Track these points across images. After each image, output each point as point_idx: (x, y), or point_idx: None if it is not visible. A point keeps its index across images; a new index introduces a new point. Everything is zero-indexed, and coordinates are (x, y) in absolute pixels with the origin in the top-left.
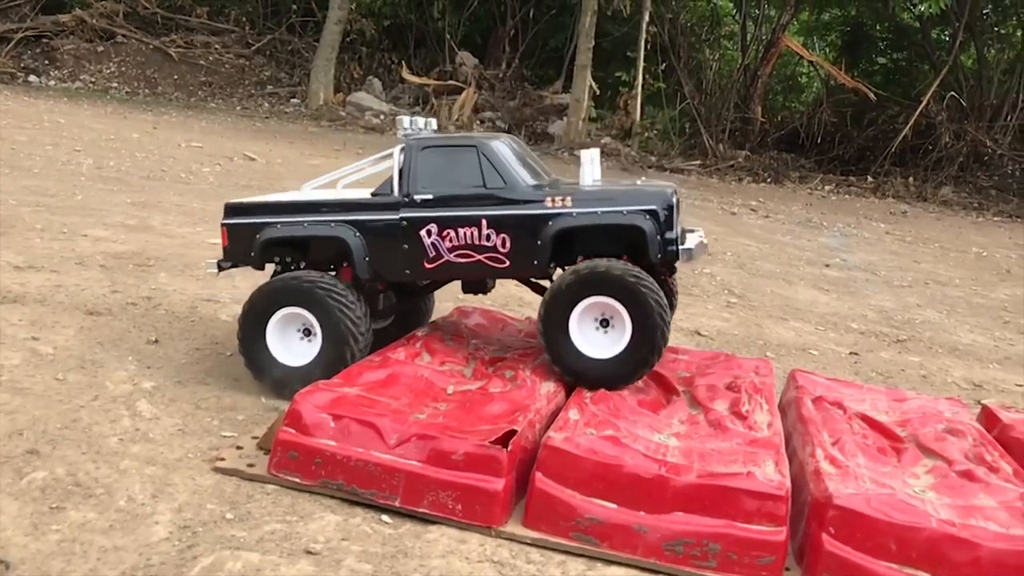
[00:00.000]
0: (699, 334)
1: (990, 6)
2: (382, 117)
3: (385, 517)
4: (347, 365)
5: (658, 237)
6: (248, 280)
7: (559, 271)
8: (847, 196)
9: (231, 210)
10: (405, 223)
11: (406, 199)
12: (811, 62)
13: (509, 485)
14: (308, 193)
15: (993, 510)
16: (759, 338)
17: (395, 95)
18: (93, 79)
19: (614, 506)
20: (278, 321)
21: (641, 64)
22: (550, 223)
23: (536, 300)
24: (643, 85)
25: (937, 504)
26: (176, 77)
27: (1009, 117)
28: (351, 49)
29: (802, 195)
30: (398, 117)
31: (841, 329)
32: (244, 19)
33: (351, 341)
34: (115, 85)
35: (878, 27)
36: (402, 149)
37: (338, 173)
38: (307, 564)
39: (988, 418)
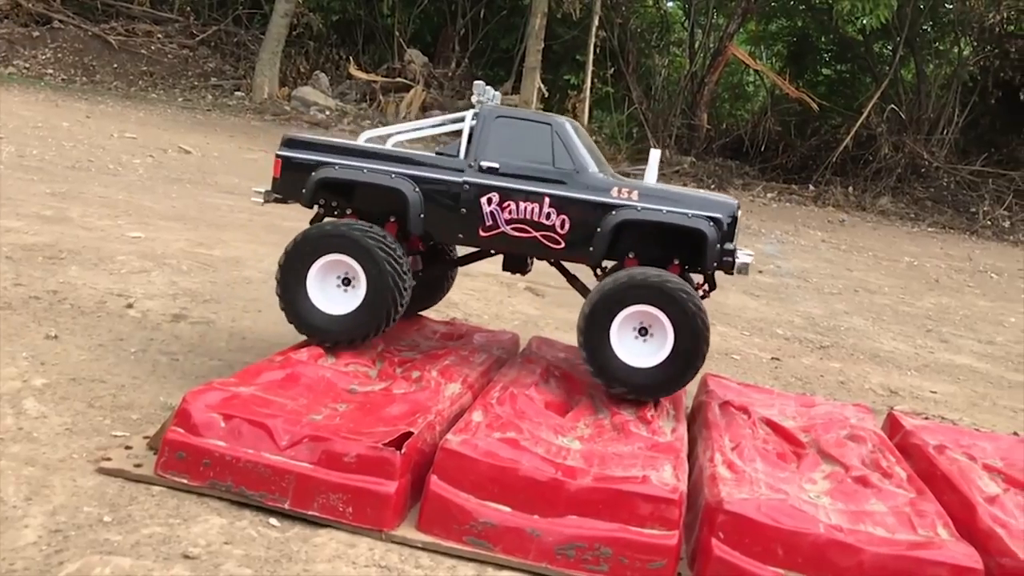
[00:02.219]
0: None
1: (930, 23)
2: (328, 112)
3: (273, 520)
4: (389, 320)
5: (718, 246)
6: (164, 277)
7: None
8: (788, 204)
9: (289, 142)
10: (467, 187)
11: (471, 164)
12: (757, 71)
13: (403, 488)
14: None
15: (882, 515)
16: None
17: (342, 91)
18: (27, 65)
19: (508, 510)
20: (320, 268)
21: (590, 68)
22: (613, 212)
23: (464, 301)
24: (592, 89)
25: (830, 509)
26: (116, 66)
27: (945, 131)
28: (298, 43)
29: (744, 202)
30: (476, 82)
31: (766, 335)
32: (188, 9)
33: (396, 295)
34: (50, 72)
35: (823, 39)
36: (475, 115)
37: (399, 127)
38: (183, 569)
39: (892, 425)
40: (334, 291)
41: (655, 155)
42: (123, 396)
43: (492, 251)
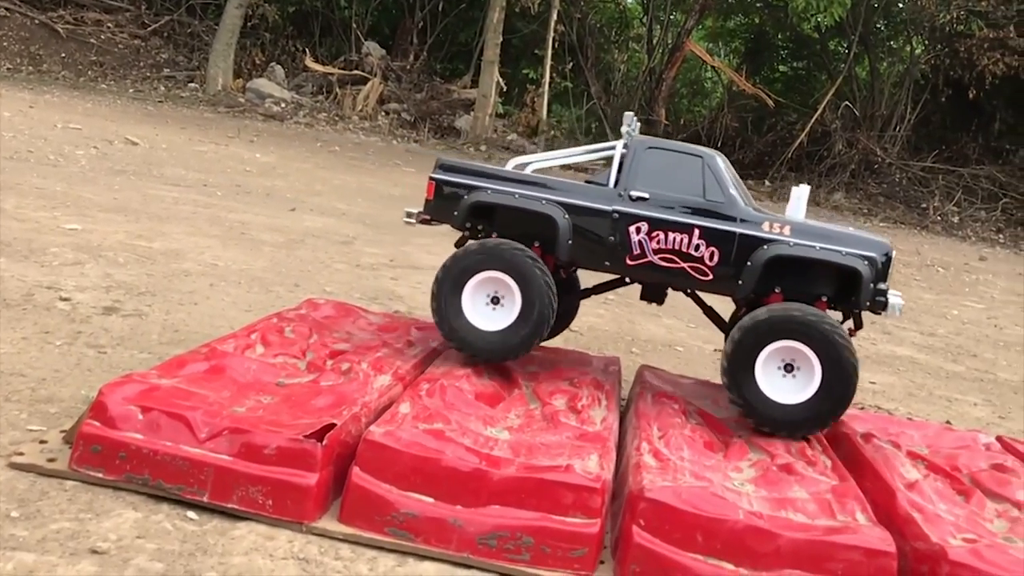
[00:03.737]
0: (569, 330)
1: (883, 21)
2: (283, 105)
3: (191, 513)
4: (537, 338)
5: (871, 285)
6: (99, 269)
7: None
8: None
9: (443, 166)
10: (617, 215)
11: (621, 194)
12: (714, 67)
13: (324, 480)
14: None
15: (804, 502)
16: (628, 334)
17: (298, 83)
18: None
19: (431, 500)
20: (475, 285)
21: (548, 62)
22: (765, 247)
23: (410, 295)
24: (550, 83)
25: (753, 497)
26: (63, 55)
27: (898, 128)
28: (254, 35)
29: None
30: (625, 113)
31: (712, 327)
32: None
33: (547, 314)
34: None
35: (779, 36)
36: (624, 145)
37: (546, 155)
38: (89, 564)
39: None
40: (484, 308)
41: (802, 191)
42: (43, 390)
43: (636, 280)
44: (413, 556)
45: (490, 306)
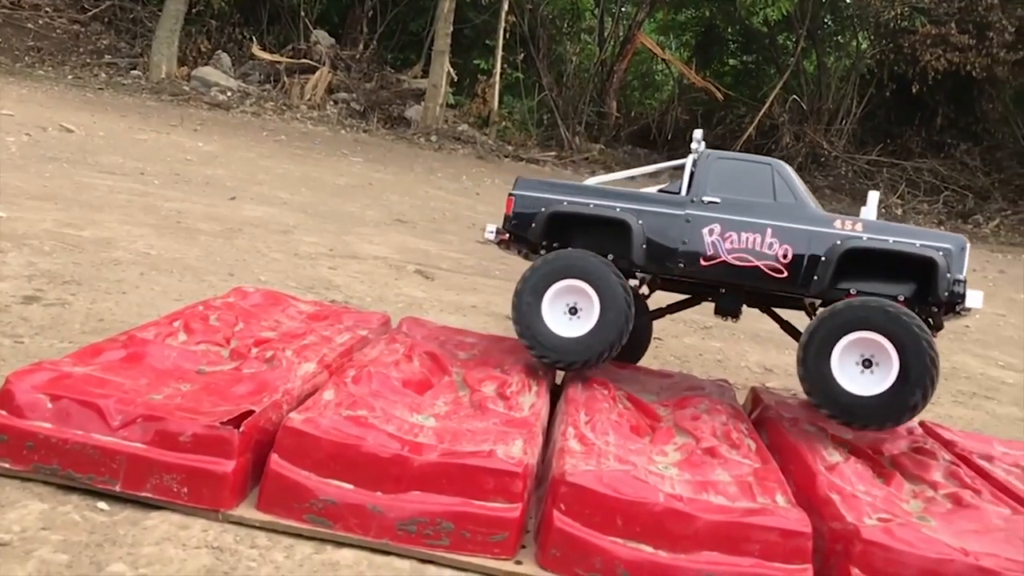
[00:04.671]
0: (509, 319)
1: (830, 16)
2: (229, 94)
3: (102, 504)
4: (614, 346)
5: (948, 275)
6: (22, 258)
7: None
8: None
9: (521, 183)
10: (689, 219)
11: (693, 200)
12: (665, 60)
13: (242, 467)
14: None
15: (726, 484)
16: None
17: (245, 72)
18: None
19: (351, 487)
20: (554, 293)
21: (500, 53)
22: (838, 242)
23: (347, 284)
24: (502, 74)
25: (676, 480)
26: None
27: (844, 121)
28: (199, 21)
29: (651, 189)
30: (695, 131)
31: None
32: None
33: (625, 321)
34: None
35: (729, 30)
36: (694, 160)
37: (618, 175)
38: None
39: (754, 399)
40: (562, 317)
41: (874, 196)
42: None
43: (710, 281)
44: (332, 543)
45: (567, 315)
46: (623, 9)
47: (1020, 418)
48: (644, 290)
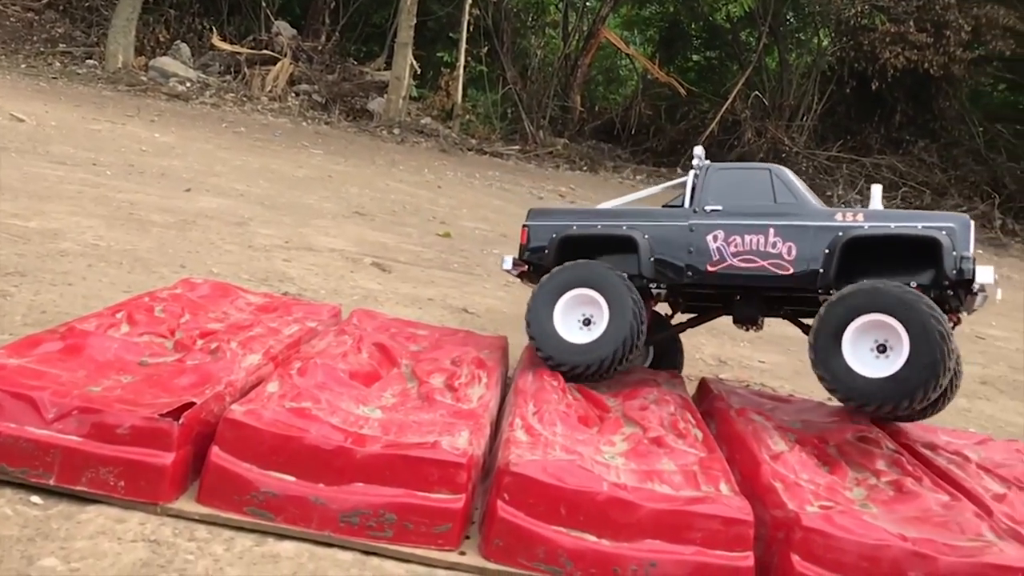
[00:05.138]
0: (466, 311)
1: (792, 13)
2: (188, 84)
3: (35, 498)
4: (625, 351)
5: (953, 252)
6: None
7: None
8: (656, 186)
9: (533, 213)
10: (693, 228)
11: (696, 210)
12: (629, 55)
13: (181, 460)
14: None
15: (671, 473)
16: None
17: (205, 62)
18: None
19: (293, 479)
20: (566, 301)
21: (463, 46)
22: (840, 233)
23: (301, 276)
24: (465, 67)
25: (622, 469)
26: None
27: (805, 118)
28: (157, 11)
29: (614, 183)
30: (695, 149)
31: None
32: None
33: (634, 328)
34: None
35: (693, 26)
36: (695, 174)
37: (626, 198)
38: None
39: (703, 390)
40: (574, 327)
41: (877, 189)
42: None
43: (718, 286)
44: (273, 535)
45: (581, 324)
46: (587, 4)
47: (965, 408)
48: (662, 308)
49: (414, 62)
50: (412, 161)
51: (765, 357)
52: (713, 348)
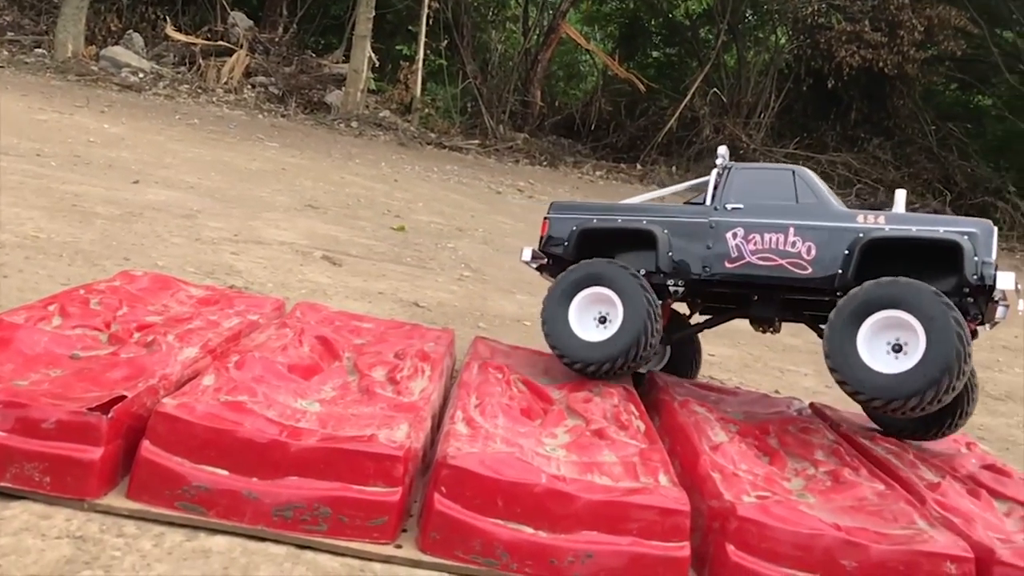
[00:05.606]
0: (417, 305)
1: (751, 11)
2: (141, 75)
3: None
4: (637, 351)
5: (975, 257)
6: None
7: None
8: (615, 181)
9: (555, 207)
10: (713, 225)
11: (717, 208)
12: (589, 51)
13: (111, 455)
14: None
15: (611, 465)
16: (478, 310)
17: (158, 53)
18: None
19: (226, 473)
20: (581, 299)
21: (423, 39)
22: (860, 234)
23: (248, 270)
24: (425, 61)
25: (562, 461)
26: None
27: (762, 115)
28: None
29: (573, 179)
30: (719, 148)
31: None
32: None
33: (647, 327)
34: None
35: (653, 22)
36: (718, 173)
37: (651, 194)
38: None
39: (649, 383)
40: (591, 325)
41: (901, 194)
42: None
43: (737, 286)
44: (205, 530)
45: (597, 322)
46: None
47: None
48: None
49: (372, 55)
50: (369, 155)
51: (715, 351)
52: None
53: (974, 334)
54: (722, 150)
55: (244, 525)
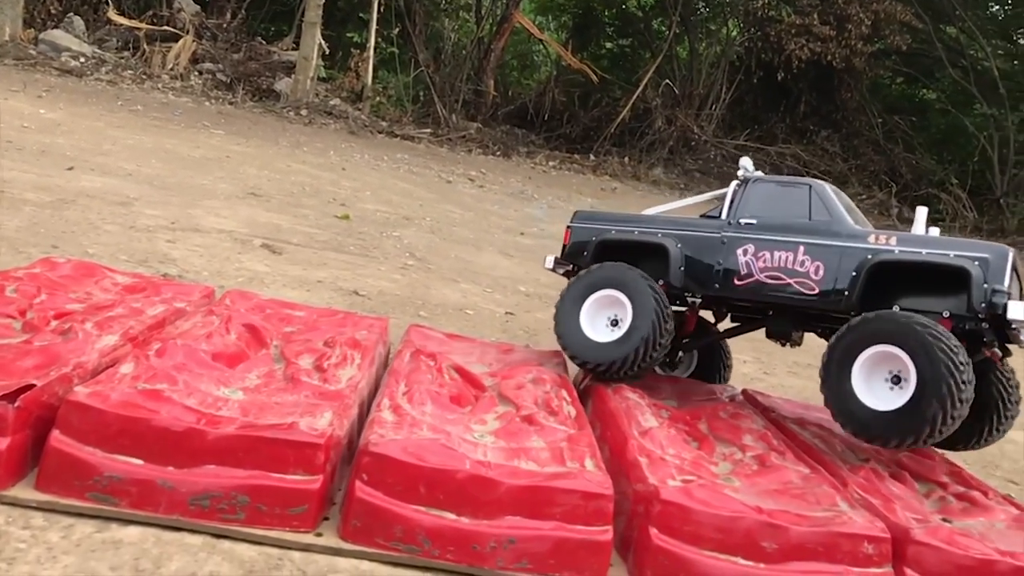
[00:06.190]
0: (357, 294)
1: (703, 3)
2: (83, 60)
3: None
4: (646, 350)
5: (984, 285)
6: None
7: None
8: (567, 172)
9: (578, 216)
10: (725, 241)
11: (731, 222)
12: (542, 41)
13: (18, 445)
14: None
15: (539, 450)
16: (420, 299)
17: (101, 37)
18: None
19: (140, 462)
20: (592, 303)
21: (374, 27)
22: (869, 256)
23: (184, 258)
24: (376, 49)
25: (491, 447)
26: None
27: (714, 107)
28: None
29: (525, 168)
30: (742, 159)
31: (509, 291)
32: None
33: (656, 333)
34: None
35: (606, 13)
36: (738, 185)
37: (676, 203)
38: None
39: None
40: (603, 327)
41: (922, 212)
42: None
43: (743, 300)
44: (118, 521)
45: (609, 325)
46: None
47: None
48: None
49: (323, 42)
50: (318, 143)
51: None
52: None
53: (1000, 358)
54: (745, 162)
55: (158, 515)
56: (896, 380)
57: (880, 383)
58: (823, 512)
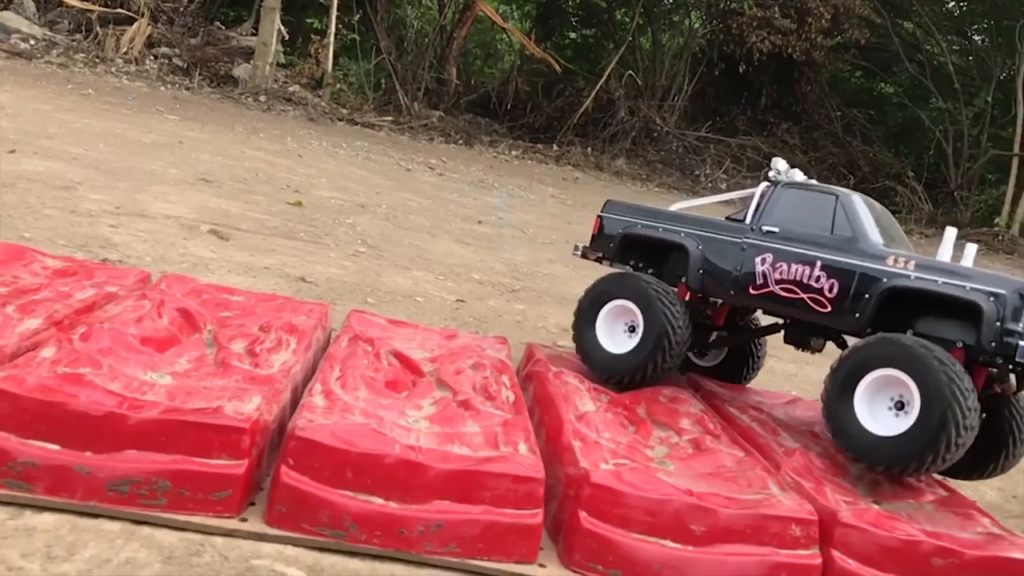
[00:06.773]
0: (304, 280)
1: None
2: (33, 42)
3: None
4: (657, 362)
5: (997, 323)
6: None
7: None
8: (530, 161)
9: (609, 206)
10: (745, 247)
11: (753, 228)
12: (505, 30)
13: None
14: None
15: (473, 435)
16: (370, 286)
17: (52, 19)
18: None
19: (56, 447)
20: (607, 313)
21: (335, 12)
22: (884, 280)
23: (126, 243)
24: (337, 35)
25: (424, 432)
26: None
27: (676, 98)
28: None
29: (488, 158)
30: (775, 159)
31: (462, 279)
32: None
33: (666, 341)
34: None
35: (570, 3)
36: (767, 187)
37: (707, 199)
38: None
39: (528, 355)
40: (621, 335)
41: (951, 233)
42: None
43: (763, 311)
44: (32, 508)
45: (627, 333)
46: None
47: (794, 373)
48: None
49: (282, 28)
50: (275, 129)
51: None
52: (559, 318)
53: (1012, 392)
54: (778, 162)
55: (74, 501)
56: (900, 406)
57: (883, 408)
58: (753, 495)
